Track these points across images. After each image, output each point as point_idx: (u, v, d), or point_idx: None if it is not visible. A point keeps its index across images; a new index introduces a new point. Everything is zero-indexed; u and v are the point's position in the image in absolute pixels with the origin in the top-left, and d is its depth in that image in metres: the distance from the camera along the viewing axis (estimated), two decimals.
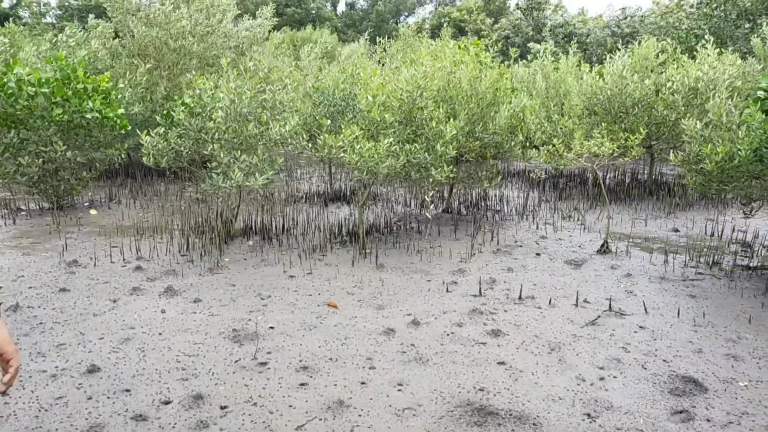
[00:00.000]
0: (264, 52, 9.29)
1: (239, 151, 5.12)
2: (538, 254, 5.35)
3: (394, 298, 4.13)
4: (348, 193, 8.02)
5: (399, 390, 2.81)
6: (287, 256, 5.09)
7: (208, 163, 5.51)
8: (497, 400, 2.71)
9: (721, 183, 4.73)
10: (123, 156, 7.22)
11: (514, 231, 6.26)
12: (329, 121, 6.40)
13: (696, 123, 5.06)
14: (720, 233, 6.08)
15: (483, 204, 7.52)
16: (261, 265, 4.84)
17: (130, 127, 7.01)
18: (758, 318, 3.79)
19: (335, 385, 2.84)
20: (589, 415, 2.60)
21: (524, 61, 15.93)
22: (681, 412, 2.63)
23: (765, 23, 11.45)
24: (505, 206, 7.57)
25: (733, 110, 4.80)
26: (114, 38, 9.38)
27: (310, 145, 6.07)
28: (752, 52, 10.45)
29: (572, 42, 13.69)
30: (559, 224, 6.59)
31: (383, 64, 8.97)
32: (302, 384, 2.84)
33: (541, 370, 3.03)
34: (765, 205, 5.40)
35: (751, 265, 4.95)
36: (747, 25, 15.06)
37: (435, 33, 28.91)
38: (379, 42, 8.29)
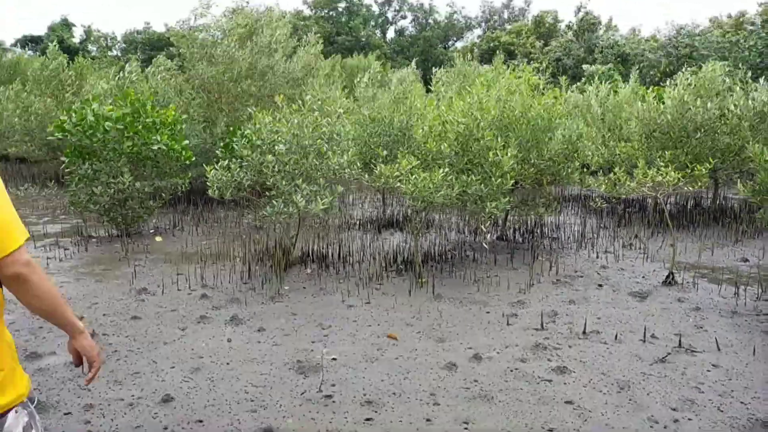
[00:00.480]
0: (316, 84, 9.55)
1: (300, 180, 5.26)
2: (600, 285, 5.22)
3: (453, 330, 4.11)
4: (401, 219, 8.07)
5: (465, 428, 2.79)
6: (345, 285, 5.16)
7: (267, 192, 5.68)
8: None
9: None
10: (186, 185, 7.53)
11: (573, 260, 6.14)
12: (385, 152, 6.51)
13: (764, 149, 4.87)
14: None
15: (539, 231, 7.41)
16: (320, 293, 4.93)
17: (194, 158, 7.33)
18: None
19: (401, 421, 2.85)
20: None
21: (578, 84, 15.74)
22: None
23: None
24: (563, 233, 7.44)
25: None
26: (177, 72, 9.89)
27: (366, 175, 6.18)
28: None
29: (627, 64, 13.47)
30: (620, 253, 6.42)
31: (436, 94, 9.08)
32: (368, 419, 2.86)
33: (611, 410, 2.95)
34: None
35: None
36: None
37: (484, 58, 28.98)
38: (435, 72, 8.39)
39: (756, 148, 4.88)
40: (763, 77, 7.62)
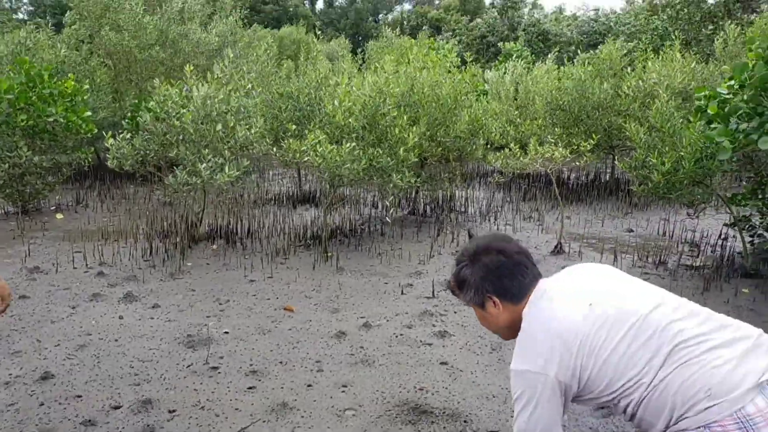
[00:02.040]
0: (231, 54, 9.34)
1: (206, 150, 5.21)
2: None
3: (349, 301, 4.27)
4: (317, 195, 8.14)
5: (343, 391, 2.95)
6: (249, 260, 5.20)
7: (175, 167, 5.60)
8: (434, 399, 2.87)
9: (666, 191, 4.95)
10: (90, 160, 7.25)
11: (475, 232, 6.43)
12: (294, 126, 6.52)
13: (639, 128, 5.27)
14: (671, 233, 6.33)
15: (448, 205, 7.70)
16: (223, 269, 4.95)
17: (96, 131, 7.04)
18: None
19: (282, 387, 2.98)
20: None
21: (497, 60, 16.18)
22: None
23: (728, 25, 11.81)
24: (470, 208, 7.75)
25: (675, 114, 5.02)
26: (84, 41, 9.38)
27: (275, 148, 6.19)
28: (714, 53, 10.77)
29: (548, 42, 13.95)
30: (519, 225, 6.79)
31: (363, 67, 9.11)
32: (250, 387, 2.97)
33: (480, 370, 3.20)
34: (709, 206, 5.65)
35: (693, 264, 5.19)
36: (710, 27, 15.47)
37: (413, 33, 29.08)
38: (366, 45, 8.39)
39: (632, 127, 5.28)
40: (660, 57, 8.16)
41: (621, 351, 1.38)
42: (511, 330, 1.63)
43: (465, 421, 2.68)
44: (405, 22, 33.21)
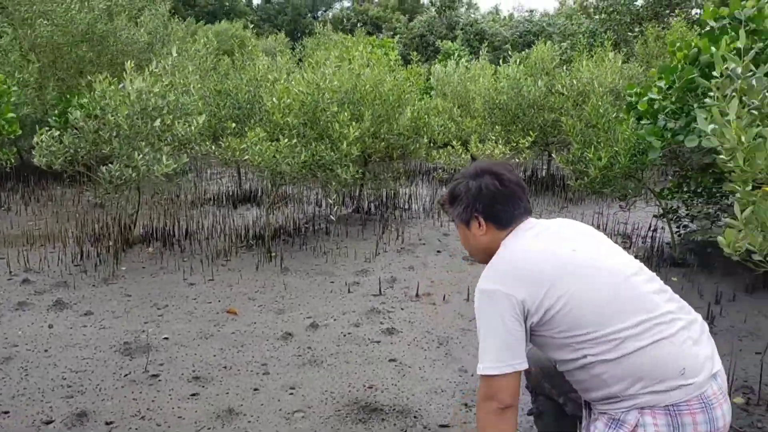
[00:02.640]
0: (165, 51, 8.98)
1: (143, 143, 4.97)
2: (438, 251, 5.60)
3: (295, 302, 4.20)
4: (258, 194, 7.97)
5: (291, 394, 2.90)
6: (189, 263, 5.03)
7: (109, 164, 5.32)
8: (384, 396, 2.86)
9: (602, 185, 5.16)
10: (12, 160, 6.80)
11: (419, 229, 6.49)
12: (234, 124, 6.36)
13: (576, 124, 5.46)
14: (605, 226, 6.60)
15: (392, 203, 7.72)
16: (160, 273, 4.76)
17: (20, 132, 6.61)
18: None
19: (227, 393, 2.89)
20: (466, 404, 2.80)
21: (437, 59, 16.37)
22: None
23: (654, 27, 12.43)
24: (414, 205, 7.81)
25: (610, 110, 5.23)
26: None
27: (213, 147, 6.01)
28: (637, 54, 11.34)
29: (483, 42, 14.25)
30: None
31: (302, 64, 8.95)
32: (193, 394, 2.86)
33: (428, 365, 3.22)
34: (639, 200, 5.93)
35: None
36: (638, 29, 16.27)
37: (353, 30, 29.01)
38: (303, 41, 8.26)
39: (569, 122, 5.46)
40: (589, 56, 8.49)
41: (597, 303, 1.39)
42: (488, 255, 1.62)
43: (415, 417, 2.68)
44: (345, 20, 33.10)
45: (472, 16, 27.38)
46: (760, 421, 2.65)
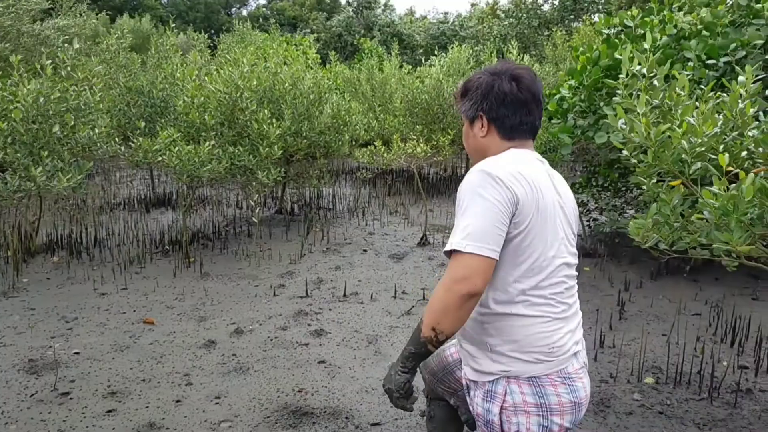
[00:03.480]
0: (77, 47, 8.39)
1: (43, 152, 4.60)
2: (365, 250, 5.60)
3: (217, 308, 4.04)
4: (173, 196, 7.62)
5: (216, 403, 2.78)
6: (99, 272, 4.72)
7: (2, 171, 4.88)
8: (314, 399, 2.81)
9: None
10: None
11: (344, 228, 6.46)
12: (144, 124, 6.05)
13: None
14: None
15: (316, 203, 7.64)
16: (67, 283, 4.43)
17: None
18: None
19: (147, 407, 2.72)
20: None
21: (355, 58, 16.40)
22: None
23: (559, 31, 13.10)
24: (338, 204, 7.77)
25: None
26: None
27: (123, 148, 5.67)
28: (546, 57, 11.92)
29: (396, 43, 14.42)
30: (386, 219, 6.94)
31: (216, 61, 8.65)
32: (109, 411, 2.68)
33: (358, 365, 3.20)
34: None
35: None
36: (546, 33, 17.11)
37: (269, 30, 28.45)
38: (220, 39, 7.96)
39: None
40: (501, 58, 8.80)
41: (536, 257, 1.39)
42: (485, 158, 1.51)
43: (347, 418, 2.66)
44: (261, 18, 32.40)
45: (389, 17, 27.67)
46: (668, 399, 2.85)
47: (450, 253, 1.34)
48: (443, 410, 1.92)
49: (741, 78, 2.42)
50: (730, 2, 4.20)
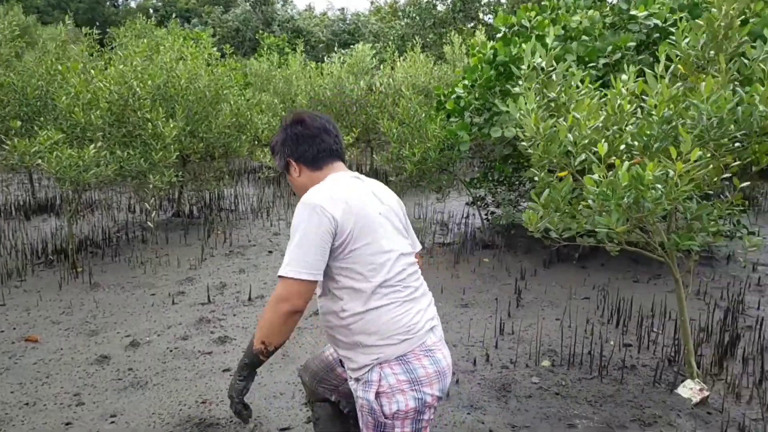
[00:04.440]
0: None
1: None
2: (270, 252, 5.48)
3: (110, 320, 3.78)
4: (57, 202, 7.04)
5: (112, 422, 2.60)
6: None
7: None
8: (219, 409, 2.71)
9: (419, 179, 5.48)
10: None
11: (248, 230, 6.28)
12: (20, 123, 5.52)
13: (391, 124, 5.73)
14: (425, 216, 7.05)
15: (217, 204, 7.37)
16: None
17: None
18: (448, 288, 4.52)
19: None
20: (306, 404, 2.77)
21: (255, 54, 15.98)
22: None
23: (452, 31, 13.55)
24: (241, 205, 7.55)
25: (419, 110, 5.58)
26: None
27: None
28: (444, 56, 12.29)
29: (302, 39, 14.25)
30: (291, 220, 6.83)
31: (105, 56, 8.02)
32: None
33: (265, 370, 3.12)
34: (453, 190, 6.44)
35: (445, 242, 5.86)
36: (440, 31, 17.63)
37: (162, 22, 27.02)
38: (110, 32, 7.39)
39: (386, 123, 5.71)
40: (402, 57, 8.96)
41: (374, 260, 1.60)
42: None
43: (255, 425, 2.59)
44: (152, 10, 30.66)
45: (289, 12, 27.26)
46: (563, 380, 3.04)
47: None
48: (326, 409, 1.99)
49: (624, 76, 2.63)
50: (611, 5, 4.55)
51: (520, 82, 2.71)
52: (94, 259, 5.10)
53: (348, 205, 1.59)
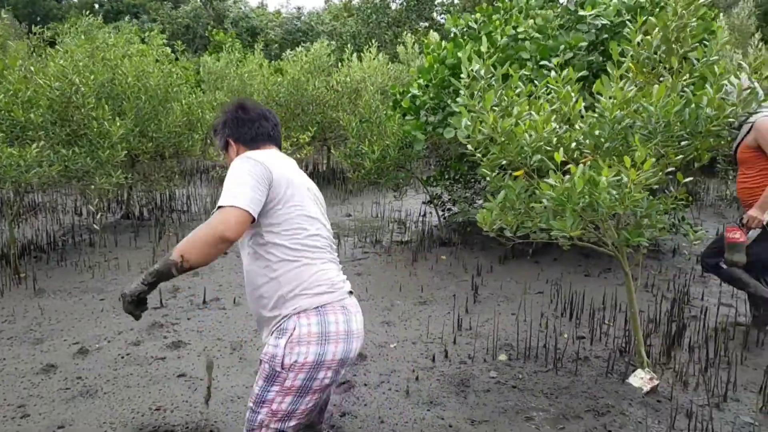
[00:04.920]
0: None
1: None
2: (225, 253, 5.37)
3: (56, 327, 3.62)
4: None
5: None
6: None
7: None
8: (174, 416, 2.63)
9: (377, 176, 5.48)
10: None
11: None
12: None
13: (352, 119, 5.72)
14: (383, 215, 7.06)
15: (168, 205, 7.17)
16: None
17: None
18: (406, 285, 4.54)
19: None
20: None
21: (206, 51, 15.63)
22: (343, 383, 2.97)
23: (406, 32, 13.62)
24: (194, 206, 7.37)
25: (380, 107, 5.58)
26: None
27: None
28: (398, 56, 12.33)
29: (256, 37, 13.99)
30: None
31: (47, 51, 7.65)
32: None
33: (221, 373, 3.06)
34: (410, 188, 6.47)
35: (402, 240, 5.88)
36: (398, 30, 17.69)
37: (108, 17, 26.10)
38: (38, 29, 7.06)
39: (346, 118, 5.69)
40: (358, 56, 8.93)
41: (306, 222, 1.74)
42: None
43: (212, 431, 2.52)
44: (97, 5, 29.51)
45: (242, 9, 26.78)
46: (520, 373, 3.10)
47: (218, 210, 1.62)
48: None
49: (564, 72, 2.69)
50: (561, 5, 4.65)
51: (461, 92, 2.72)
52: (39, 264, 4.88)
53: (280, 170, 1.73)
